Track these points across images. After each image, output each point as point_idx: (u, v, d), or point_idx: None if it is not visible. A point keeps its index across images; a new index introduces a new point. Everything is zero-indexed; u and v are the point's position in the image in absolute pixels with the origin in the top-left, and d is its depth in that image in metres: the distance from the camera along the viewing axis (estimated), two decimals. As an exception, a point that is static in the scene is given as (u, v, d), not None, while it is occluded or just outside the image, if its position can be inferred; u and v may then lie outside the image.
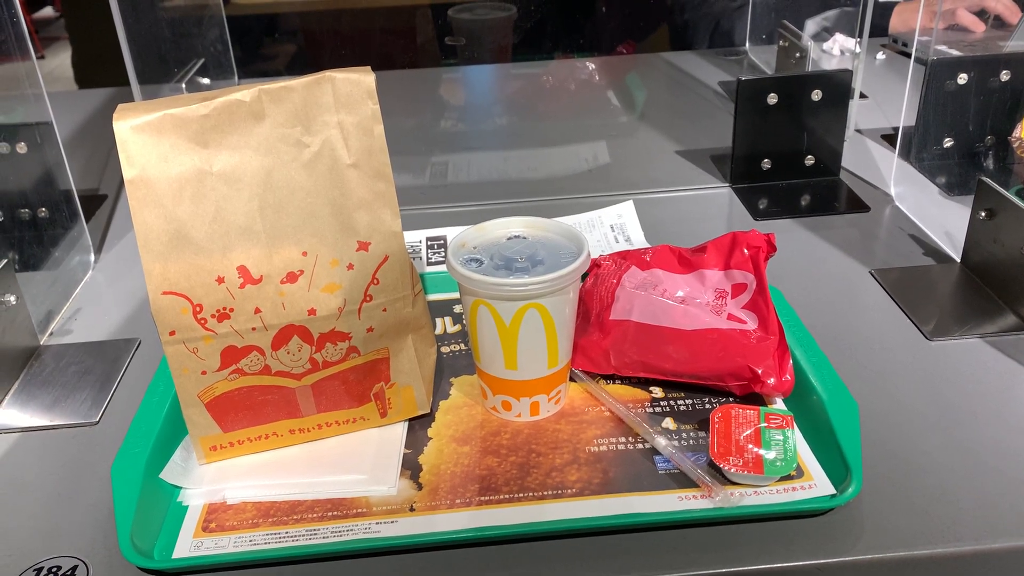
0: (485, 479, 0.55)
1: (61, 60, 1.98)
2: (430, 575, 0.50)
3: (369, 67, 0.54)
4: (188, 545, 0.52)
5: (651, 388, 0.63)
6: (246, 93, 0.51)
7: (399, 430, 0.60)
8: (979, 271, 0.74)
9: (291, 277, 0.53)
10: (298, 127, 0.52)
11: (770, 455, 0.53)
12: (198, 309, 0.52)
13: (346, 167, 0.53)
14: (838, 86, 0.91)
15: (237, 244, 0.52)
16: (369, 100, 0.53)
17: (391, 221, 0.55)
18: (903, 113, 0.94)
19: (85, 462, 0.60)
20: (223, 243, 0.52)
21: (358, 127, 0.53)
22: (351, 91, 0.53)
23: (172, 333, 0.52)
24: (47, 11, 4.27)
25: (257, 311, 0.53)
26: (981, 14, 1.16)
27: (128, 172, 0.50)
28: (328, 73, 0.53)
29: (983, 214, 0.72)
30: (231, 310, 0.52)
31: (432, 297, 0.75)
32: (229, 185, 0.52)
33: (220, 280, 0.52)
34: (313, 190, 0.53)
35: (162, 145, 0.50)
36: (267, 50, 1.50)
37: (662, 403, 0.61)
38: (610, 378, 0.64)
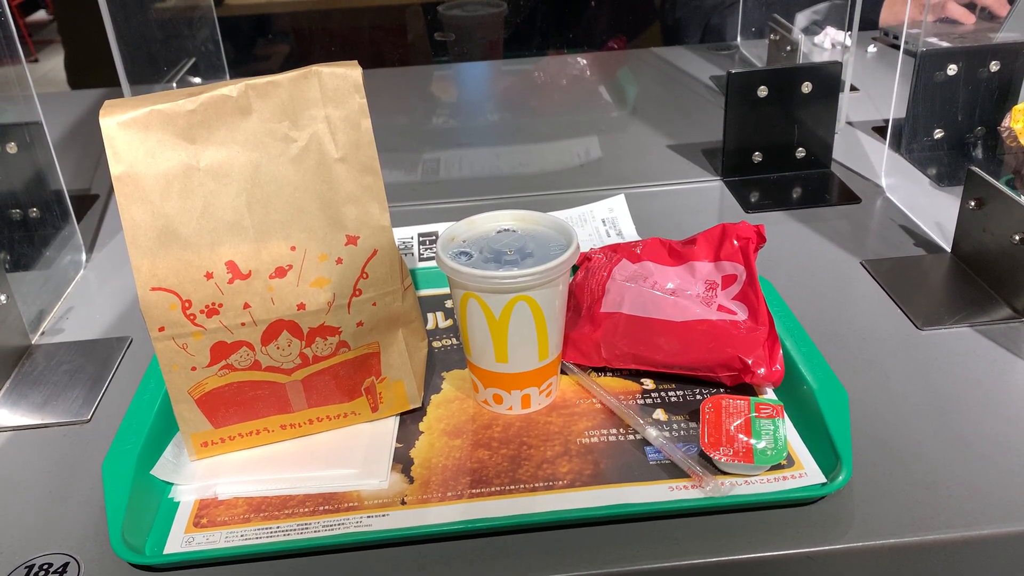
0: (476, 472, 0.55)
1: (55, 63, 1.98)
2: (422, 568, 0.50)
3: (356, 61, 0.54)
4: (179, 541, 0.52)
5: (642, 380, 0.63)
6: (232, 88, 0.51)
7: (390, 424, 0.60)
8: (969, 261, 0.75)
9: (280, 272, 0.53)
10: (285, 122, 0.52)
11: (760, 444, 0.53)
12: (187, 305, 0.52)
13: (334, 161, 0.53)
14: (828, 78, 0.91)
15: (225, 239, 0.52)
16: (356, 94, 0.53)
17: (379, 215, 0.55)
18: (893, 105, 0.94)
19: (77, 460, 0.59)
20: (211, 239, 0.52)
21: (345, 121, 0.53)
22: (338, 85, 0.53)
23: (161, 329, 0.52)
24: (40, 14, 4.26)
25: (246, 306, 0.53)
26: (971, 7, 1.16)
27: (115, 168, 0.50)
28: (314, 67, 0.52)
29: (973, 204, 0.72)
30: (220, 306, 0.52)
31: (424, 292, 0.75)
32: (217, 180, 0.52)
33: (208, 276, 0.52)
34: (301, 185, 0.53)
35: (149, 141, 0.50)
36: (259, 50, 1.50)
37: (653, 394, 0.61)
38: (601, 370, 0.64)
